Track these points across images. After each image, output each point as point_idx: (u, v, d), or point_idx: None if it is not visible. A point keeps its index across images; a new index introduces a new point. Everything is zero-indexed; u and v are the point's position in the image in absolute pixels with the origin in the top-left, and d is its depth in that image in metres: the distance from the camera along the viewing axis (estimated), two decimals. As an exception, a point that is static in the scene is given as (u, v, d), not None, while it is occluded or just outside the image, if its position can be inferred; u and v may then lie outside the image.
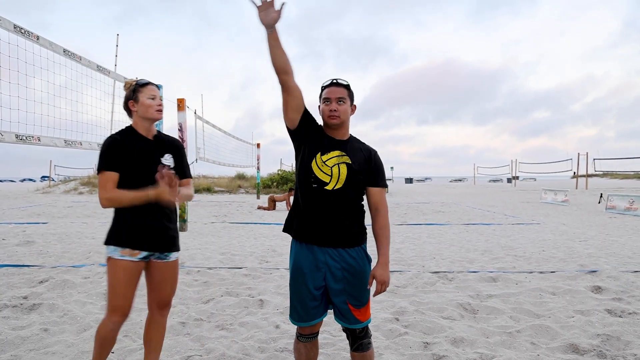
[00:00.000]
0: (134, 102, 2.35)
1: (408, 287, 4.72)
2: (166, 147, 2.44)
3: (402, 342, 3.19)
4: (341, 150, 2.16)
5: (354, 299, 2.17)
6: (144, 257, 2.32)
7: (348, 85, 2.19)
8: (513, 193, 28.71)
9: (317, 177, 2.13)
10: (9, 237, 8.20)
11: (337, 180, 2.12)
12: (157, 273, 2.40)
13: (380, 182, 2.23)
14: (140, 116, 2.36)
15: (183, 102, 9.57)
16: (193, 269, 5.48)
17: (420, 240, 8.21)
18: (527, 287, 4.61)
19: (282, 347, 3.11)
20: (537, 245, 7.52)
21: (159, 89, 2.44)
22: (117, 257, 2.25)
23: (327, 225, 2.13)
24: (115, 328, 2.30)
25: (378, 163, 2.24)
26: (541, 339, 3.26)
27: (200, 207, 15.84)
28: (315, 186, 2.13)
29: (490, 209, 15.69)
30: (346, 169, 2.13)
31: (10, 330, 3.34)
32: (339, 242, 2.15)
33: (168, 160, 2.41)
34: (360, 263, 2.18)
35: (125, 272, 2.26)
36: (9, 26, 4.90)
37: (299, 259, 2.20)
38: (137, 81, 2.39)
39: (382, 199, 2.23)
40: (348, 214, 2.16)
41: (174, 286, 2.49)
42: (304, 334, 2.28)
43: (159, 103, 2.39)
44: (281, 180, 26.12)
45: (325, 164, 2.14)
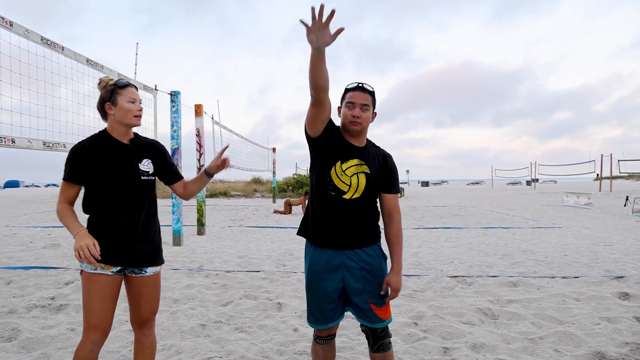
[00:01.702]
0: (112, 104, 2.12)
1: (426, 292, 4.69)
2: (145, 151, 2.24)
3: (421, 346, 3.17)
4: (360, 158, 2.15)
5: (375, 297, 2.17)
6: (118, 270, 2.12)
7: (373, 92, 2.17)
8: (533, 196, 28.25)
9: (335, 186, 2.12)
10: (36, 240, 8.42)
11: (355, 190, 2.12)
12: (133, 288, 2.20)
13: (395, 188, 2.24)
14: (117, 120, 2.14)
15: (200, 108, 9.70)
16: (212, 272, 5.54)
17: (437, 244, 8.15)
18: (550, 293, 4.54)
19: (300, 350, 3.13)
20: (559, 249, 7.39)
21: (137, 90, 2.24)
22: (90, 270, 2.05)
23: (344, 230, 2.14)
24: (95, 349, 2.07)
25: (393, 169, 2.24)
26: (565, 346, 3.20)
27: (217, 211, 16.00)
28: (333, 194, 2.13)
29: (509, 212, 15.47)
30: (365, 180, 2.12)
31: (40, 330, 3.45)
32: (356, 243, 2.16)
33: (146, 166, 2.21)
34: (377, 261, 2.20)
35: (99, 286, 2.06)
36: (37, 38, 5.07)
37: (314, 263, 2.21)
38: (115, 81, 2.17)
39: (396, 205, 2.24)
40: (364, 218, 2.18)
41: (153, 304, 2.24)
42: (321, 336, 2.29)
43: (139, 108, 2.17)
44: (297, 184, 26.21)
45: (344, 173, 2.12)
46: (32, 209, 17.19)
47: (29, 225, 11.21)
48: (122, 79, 2.19)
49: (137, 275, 2.18)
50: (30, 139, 4.88)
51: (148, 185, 2.21)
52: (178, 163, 8.21)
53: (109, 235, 2.07)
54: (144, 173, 2.18)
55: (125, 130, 2.18)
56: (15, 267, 5.77)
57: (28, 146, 4.84)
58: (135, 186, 2.14)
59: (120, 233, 2.08)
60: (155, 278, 2.24)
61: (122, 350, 3.09)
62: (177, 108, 8.37)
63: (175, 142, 8.26)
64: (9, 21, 4.64)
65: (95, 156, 2.08)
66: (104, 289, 2.07)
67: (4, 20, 4.59)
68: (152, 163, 2.24)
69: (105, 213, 2.08)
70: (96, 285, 2.06)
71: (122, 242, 2.09)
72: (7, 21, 4.63)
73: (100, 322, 2.07)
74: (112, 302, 2.11)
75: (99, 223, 2.08)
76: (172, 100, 8.37)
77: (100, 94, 2.17)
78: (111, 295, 2.10)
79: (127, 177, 2.11)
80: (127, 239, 2.10)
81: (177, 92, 8.37)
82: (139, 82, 7.64)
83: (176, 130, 8.30)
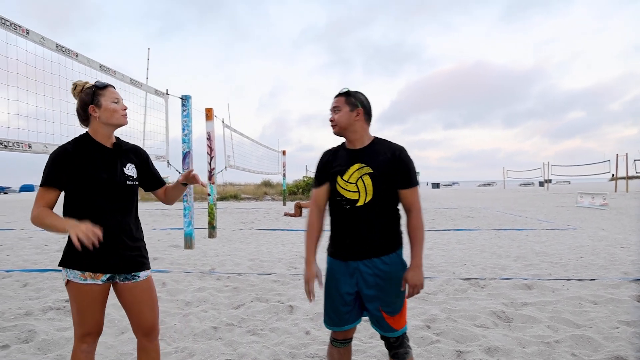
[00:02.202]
0: (95, 107, 2.06)
1: (438, 294, 4.65)
2: (128, 156, 2.20)
3: (435, 350, 3.14)
4: (360, 161, 2.15)
5: (387, 306, 2.15)
6: (108, 278, 2.07)
7: (345, 92, 2.20)
8: (546, 197, 27.91)
9: (345, 197, 2.14)
10: (51, 243, 8.54)
11: (365, 193, 2.11)
12: (128, 296, 2.12)
13: (409, 182, 2.14)
14: (104, 122, 2.08)
15: (211, 112, 9.76)
16: (223, 275, 5.56)
17: (449, 246, 8.08)
18: (565, 296, 4.47)
19: (312, 353, 3.12)
20: (574, 251, 7.28)
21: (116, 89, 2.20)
22: (79, 281, 2.00)
23: (362, 242, 2.14)
24: (90, 350, 2.08)
25: (404, 162, 2.14)
26: (583, 350, 3.14)
27: (228, 214, 16.06)
28: (347, 207, 2.14)
29: (522, 213, 15.30)
30: (370, 180, 2.11)
31: (55, 332, 3.49)
32: (372, 254, 2.15)
33: (130, 170, 2.16)
34: (393, 269, 2.15)
35: (92, 296, 2.02)
36: (52, 45, 5.15)
37: (331, 267, 2.25)
38: (95, 83, 2.12)
39: (414, 199, 2.16)
40: (384, 224, 2.15)
41: (154, 308, 2.18)
42: (337, 338, 2.29)
43: (124, 107, 2.14)
44: (307, 187, 26.25)
45: (348, 183, 2.14)
46: (47, 213, 17.43)
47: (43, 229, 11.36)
48: (101, 81, 2.14)
49: (130, 282, 2.12)
50: (46, 144, 4.95)
51: (132, 190, 2.17)
52: (189, 166, 8.26)
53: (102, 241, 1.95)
54: (129, 178, 2.14)
55: (109, 133, 2.13)
56: (31, 270, 5.85)
57: (44, 151, 4.91)
58: (120, 190, 2.10)
59: (108, 238, 1.99)
60: (150, 282, 2.19)
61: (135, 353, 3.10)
62: (188, 112, 8.43)
63: (187, 146, 8.31)
64: (25, 29, 4.72)
65: (78, 160, 2.02)
66: (96, 297, 2.04)
67: (20, 28, 4.67)
68: (135, 168, 2.20)
69: (90, 219, 1.97)
70: (87, 296, 2.02)
71: (109, 247, 2.02)
72: (24, 29, 4.71)
73: (93, 328, 2.07)
74: (103, 307, 2.10)
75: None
76: (183, 104, 8.43)
77: (80, 97, 2.10)
78: (102, 302, 2.09)
79: (111, 181, 2.07)
80: (114, 243, 2.04)
81: (187, 96, 8.43)
82: (150, 87, 7.70)
83: (187, 134, 8.36)
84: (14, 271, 5.76)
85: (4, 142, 4.40)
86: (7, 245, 8.19)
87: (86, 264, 2.01)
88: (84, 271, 2.01)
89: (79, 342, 2.05)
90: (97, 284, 2.04)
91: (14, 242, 8.75)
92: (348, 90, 2.20)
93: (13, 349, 3.16)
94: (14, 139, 4.54)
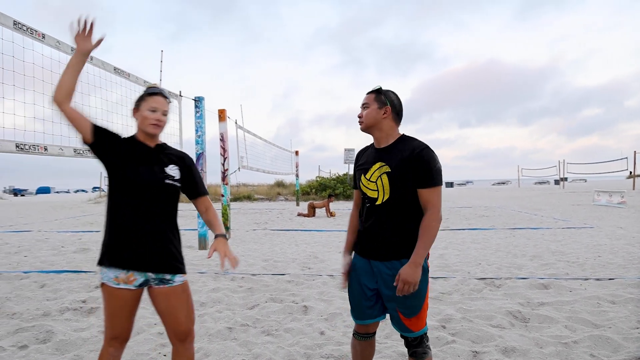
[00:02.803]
0: (136, 109, 2.15)
1: (453, 294, 4.61)
2: (171, 158, 2.22)
3: (450, 350, 3.11)
4: (381, 160, 2.16)
5: (404, 307, 2.15)
6: (141, 284, 2.08)
7: (376, 90, 2.20)
8: (562, 195, 27.51)
9: (367, 195, 2.20)
10: (67, 244, 8.66)
11: (382, 192, 2.12)
12: (162, 301, 2.12)
13: (427, 182, 2.07)
14: (138, 126, 2.16)
15: (224, 113, 9.80)
16: (237, 275, 5.58)
17: (464, 245, 8.01)
18: (583, 295, 4.40)
19: (327, 353, 3.12)
20: (591, 250, 7.16)
21: (167, 100, 2.20)
22: (112, 285, 2.04)
23: (382, 242, 2.15)
24: (117, 354, 2.13)
25: (423, 160, 2.06)
26: (602, 350, 3.08)
27: (241, 215, 16.14)
28: (369, 204, 2.20)
29: (538, 212, 15.10)
30: (387, 178, 2.11)
31: (73, 332, 3.53)
32: (392, 256, 2.15)
33: (173, 170, 2.17)
34: None
35: (123, 301, 2.06)
36: (67, 49, 5.22)
37: (355, 262, 2.31)
38: (147, 89, 2.19)
39: (431, 199, 2.07)
40: (403, 225, 2.13)
41: (189, 314, 2.17)
42: (359, 332, 2.33)
43: (158, 117, 2.12)
44: (320, 187, 26.22)
45: (370, 181, 2.18)
46: (63, 215, 17.70)
47: (60, 230, 11.54)
48: (155, 87, 2.20)
49: (165, 287, 2.10)
50: (61, 147, 5.02)
51: (172, 190, 2.15)
52: (203, 168, 8.31)
53: (132, 239, 2.03)
54: (168, 176, 2.14)
55: (147, 136, 2.16)
56: (48, 271, 5.94)
57: (60, 153, 4.98)
58: (158, 189, 2.10)
59: (145, 235, 2.04)
60: (186, 287, 2.18)
61: (152, 353, 3.13)
62: (201, 113, 8.48)
63: (200, 147, 8.37)
64: (41, 33, 4.81)
65: (123, 144, 2.10)
66: (127, 303, 2.07)
67: (36, 32, 4.76)
68: (178, 171, 2.20)
69: (128, 217, 2.04)
70: (119, 301, 2.06)
71: (146, 245, 2.04)
72: (40, 33, 4.80)
73: (121, 333, 2.10)
74: (133, 314, 2.13)
75: (121, 227, 2.05)
76: (196, 105, 8.49)
77: None
78: (133, 308, 2.11)
79: (150, 178, 2.08)
80: (152, 241, 2.06)
81: (200, 97, 8.49)
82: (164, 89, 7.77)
83: (200, 136, 8.41)
84: (32, 272, 5.85)
85: (21, 145, 4.48)
86: (25, 247, 8.34)
87: (120, 258, 2.03)
88: (117, 268, 2.03)
89: (107, 345, 2.11)
90: (130, 290, 2.06)
91: (31, 243, 8.89)
92: (380, 87, 2.20)
93: (31, 349, 3.21)
94: (31, 142, 4.62)
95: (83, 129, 2.04)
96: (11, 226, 13.05)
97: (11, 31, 4.45)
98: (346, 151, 21.03)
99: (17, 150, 4.43)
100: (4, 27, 4.37)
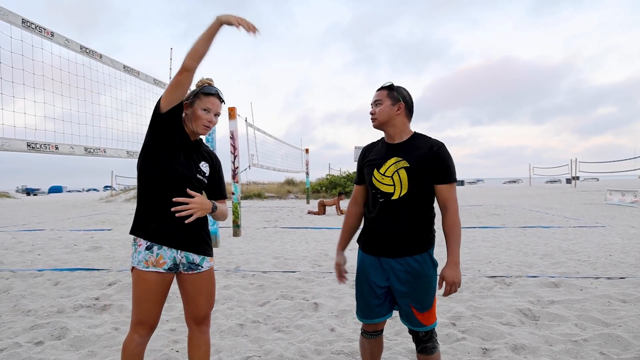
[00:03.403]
0: (188, 105, 2.17)
1: (464, 292, 4.61)
2: (205, 156, 2.27)
3: (460, 347, 3.12)
4: (397, 155, 2.16)
5: (417, 302, 2.17)
6: (170, 268, 2.11)
7: (388, 86, 2.20)
8: (573, 194, 27.24)
9: (380, 190, 2.17)
10: (80, 242, 8.79)
11: (400, 187, 2.12)
12: (189, 286, 2.18)
13: (446, 177, 2.11)
14: (187, 121, 2.18)
15: (234, 111, 9.87)
16: (248, 272, 5.63)
17: (474, 243, 7.99)
18: (594, 294, 4.37)
19: (338, 349, 3.14)
20: (602, 249, 7.11)
21: (222, 102, 2.23)
22: (141, 268, 2.07)
23: (395, 238, 2.15)
24: (142, 342, 2.13)
25: (442, 157, 2.11)
26: (612, 349, 3.07)
27: (252, 213, 16.22)
28: (382, 200, 2.17)
29: (549, 211, 14.98)
30: (405, 173, 2.12)
31: (86, 329, 3.60)
32: (404, 252, 2.16)
33: (205, 167, 2.23)
34: (425, 267, 2.16)
35: (150, 285, 2.07)
36: (76, 47, 5.28)
37: (362, 260, 2.29)
38: (204, 87, 2.18)
39: (450, 195, 2.12)
40: (418, 221, 2.15)
41: (210, 300, 2.25)
42: (367, 330, 2.34)
43: (211, 119, 2.16)
44: (330, 185, 26.23)
45: (384, 176, 2.16)
46: (75, 213, 17.93)
47: (72, 229, 11.70)
48: (212, 87, 2.19)
49: (194, 273, 2.17)
50: (72, 145, 5.09)
51: (201, 184, 2.21)
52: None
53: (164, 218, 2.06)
54: (200, 172, 2.20)
55: (192, 132, 2.19)
56: (61, 269, 6.04)
57: (70, 152, 5.05)
58: (190, 181, 2.14)
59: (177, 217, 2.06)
60: (210, 274, 2.24)
61: (164, 349, 3.18)
62: (211, 112, 8.54)
63: (210, 145, 8.43)
64: (50, 31, 4.84)
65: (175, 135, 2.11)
66: (154, 287, 2.07)
67: (45, 30, 4.78)
68: (209, 168, 2.26)
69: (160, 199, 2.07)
70: (147, 284, 2.07)
71: (177, 223, 2.07)
72: (49, 31, 4.83)
73: (148, 319, 2.09)
74: (161, 300, 2.12)
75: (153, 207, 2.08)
76: (206, 104, 8.55)
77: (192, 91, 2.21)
78: (161, 293, 2.11)
79: (185, 169, 2.12)
80: (182, 221, 2.08)
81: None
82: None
83: (211, 134, 8.47)
84: (46, 270, 5.95)
85: (32, 144, 4.55)
86: (39, 245, 8.47)
87: (153, 230, 2.06)
88: (148, 241, 2.06)
89: (132, 332, 2.11)
90: (159, 272, 2.08)
91: (44, 242, 9.03)
92: (391, 84, 2.21)
93: (47, 345, 3.27)
94: (42, 141, 4.69)
95: (175, 100, 2.04)
96: (24, 225, 13.25)
97: (20, 30, 4.46)
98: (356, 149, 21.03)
99: (28, 149, 4.48)
100: (12, 26, 4.39)
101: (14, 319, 3.90)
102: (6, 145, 4.26)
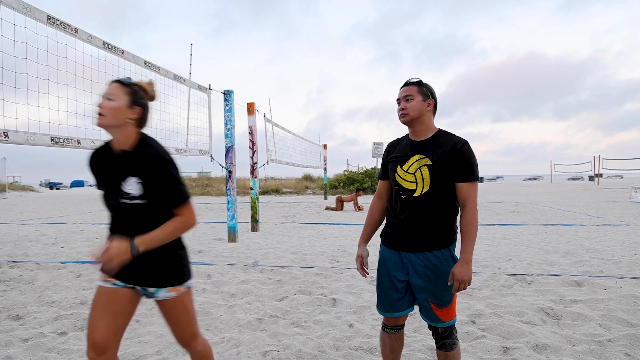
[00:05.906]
0: None
1: (483, 289, 4.55)
2: (134, 167, 1.77)
3: (480, 345, 3.09)
4: (421, 152, 2.15)
5: (435, 298, 2.16)
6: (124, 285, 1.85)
7: (417, 82, 2.19)
8: (596, 192, 26.64)
9: (403, 187, 2.18)
10: (101, 236, 8.96)
11: (422, 184, 2.12)
12: (161, 312, 1.93)
13: (467, 176, 2.09)
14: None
15: (253, 106, 9.90)
16: (266, 267, 5.66)
17: (494, 241, 7.88)
18: (618, 294, 4.27)
19: (356, 345, 3.14)
20: (627, 248, 6.93)
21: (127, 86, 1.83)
22: (99, 283, 1.86)
23: (416, 233, 2.15)
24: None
25: (464, 155, 2.09)
26: (638, 350, 2.99)
27: (269, 208, 16.29)
28: (404, 196, 2.18)
29: (571, 208, 14.68)
30: (428, 171, 2.11)
31: (107, 321, 3.66)
32: (424, 247, 2.16)
33: (131, 186, 1.76)
34: (444, 263, 2.15)
35: (101, 297, 1.81)
36: (99, 43, 5.36)
37: (383, 254, 2.30)
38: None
39: (470, 194, 2.10)
40: (439, 218, 2.15)
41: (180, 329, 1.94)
42: (388, 324, 2.34)
43: (101, 104, 1.77)
44: (348, 181, 26.20)
45: (407, 173, 2.16)
46: (96, 207, 18.27)
47: (94, 222, 11.94)
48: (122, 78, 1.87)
49: (151, 299, 1.90)
50: (93, 140, 5.18)
51: (133, 208, 1.79)
52: (232, 161, 8.42)
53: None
54: (124, 195, 1.77)
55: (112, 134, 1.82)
56: (83, 262, 6.17)
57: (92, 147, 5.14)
58: (116, 209, 1.82)
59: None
60: (176, 302, 1.89)
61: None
62: (230, 107, 8.58)
63: (229, 141, 8.48)
64: (74, 27, 4.91)
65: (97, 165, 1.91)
66: (105, 300, 1.81)
67: (69, 27, 4.86)
68: (141, 184, 1.77)
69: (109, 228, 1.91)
70: (98, 297, 1.83)
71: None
72: (73, 28, 4.90)
73: (96, 337, 1.76)
74: (107, 318, 1.79)
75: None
76: (225, 99, 8.59)
77: None
78: (111, 309, 1.80)
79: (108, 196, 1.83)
80: None
81: (230, 90, 8.58)
82: (193, 82, 7.85)
83: (230, 129, 8.52)
84: (68, 263, 6.08)
85: (56, 139, 4.64)
86: (61, 238, 8.66)
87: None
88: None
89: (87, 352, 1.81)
90: (107, 287, 1.83)
91: (67, 235, 9.24)
92: (420, 80, 2.20)
93: (70, 335, 3.35)
94: (64, 135, 4.78)
95: None
96: (48, 218, 13.57)
97: (45, 26, 4.53)
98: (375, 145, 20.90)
99: (52, 143, 4.58)
100: (39, 22, 4.46)
101: (38, 309, 4.00)
102: (31, 140, 4.35)
